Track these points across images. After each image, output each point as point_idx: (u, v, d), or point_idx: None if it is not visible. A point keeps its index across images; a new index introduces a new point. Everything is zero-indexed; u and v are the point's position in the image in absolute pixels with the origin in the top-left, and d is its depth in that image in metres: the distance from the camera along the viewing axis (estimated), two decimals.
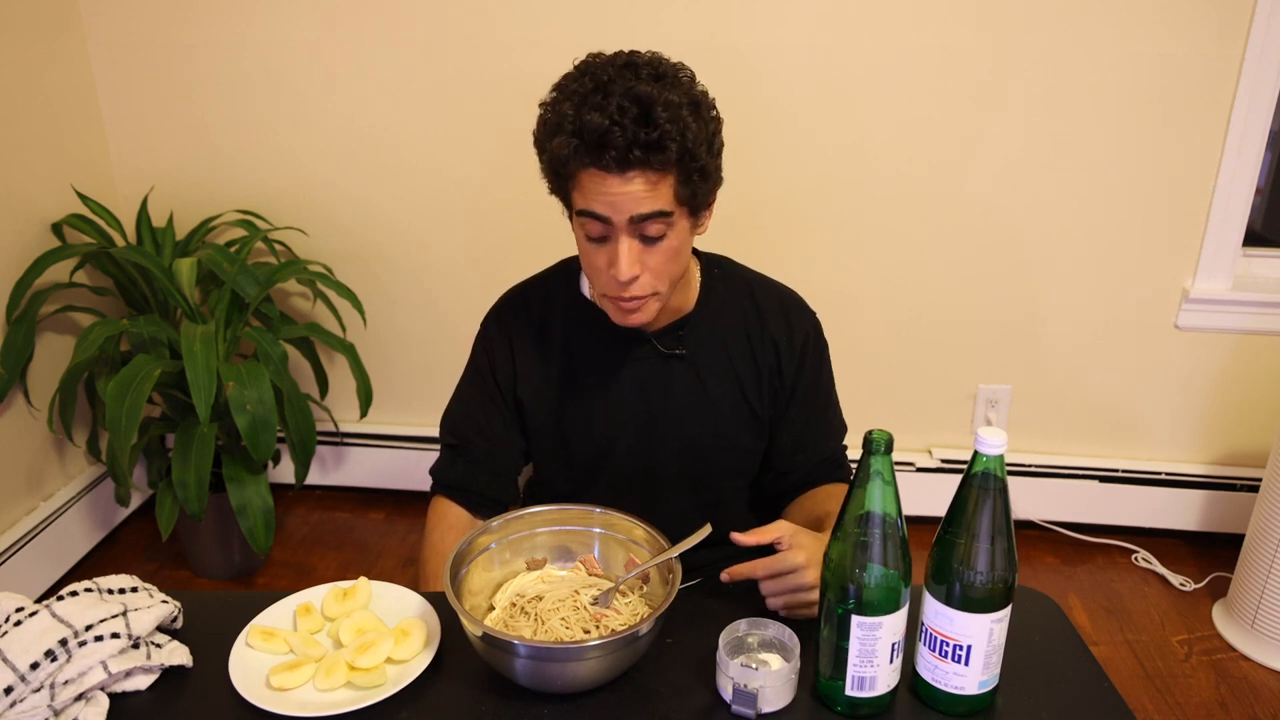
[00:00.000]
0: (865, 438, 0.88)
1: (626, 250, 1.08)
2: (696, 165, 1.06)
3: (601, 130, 1.01)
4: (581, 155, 1.04)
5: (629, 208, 1.05)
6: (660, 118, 1.02)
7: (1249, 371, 2.30)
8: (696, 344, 1.26)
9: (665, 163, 1.04)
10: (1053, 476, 2.43)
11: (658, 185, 1.05)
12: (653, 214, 1.06)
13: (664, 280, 1.13)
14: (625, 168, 1.03)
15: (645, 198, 1.05)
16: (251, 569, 2.37)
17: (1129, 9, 2.02)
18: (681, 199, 1.08)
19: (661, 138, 1.02)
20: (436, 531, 1.29)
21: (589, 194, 1.07)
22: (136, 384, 1.91)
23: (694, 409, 1.27)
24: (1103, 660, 1.97)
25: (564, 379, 1.28)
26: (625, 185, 1.04)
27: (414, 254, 2.40)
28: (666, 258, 1.11)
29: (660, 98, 1.02)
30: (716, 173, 1.13)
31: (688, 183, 1.07)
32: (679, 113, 1.03)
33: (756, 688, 0.92)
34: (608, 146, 1.02)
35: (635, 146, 1.02)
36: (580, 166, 1.05)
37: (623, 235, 1.07)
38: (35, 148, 2.16)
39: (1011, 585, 0.91)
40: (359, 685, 0.98)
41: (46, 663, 0.95)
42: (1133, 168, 2.15)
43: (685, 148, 1.04)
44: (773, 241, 2.29)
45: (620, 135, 1.01)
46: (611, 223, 1.07)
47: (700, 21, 2.10)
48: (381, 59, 2.22)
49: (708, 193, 1.13)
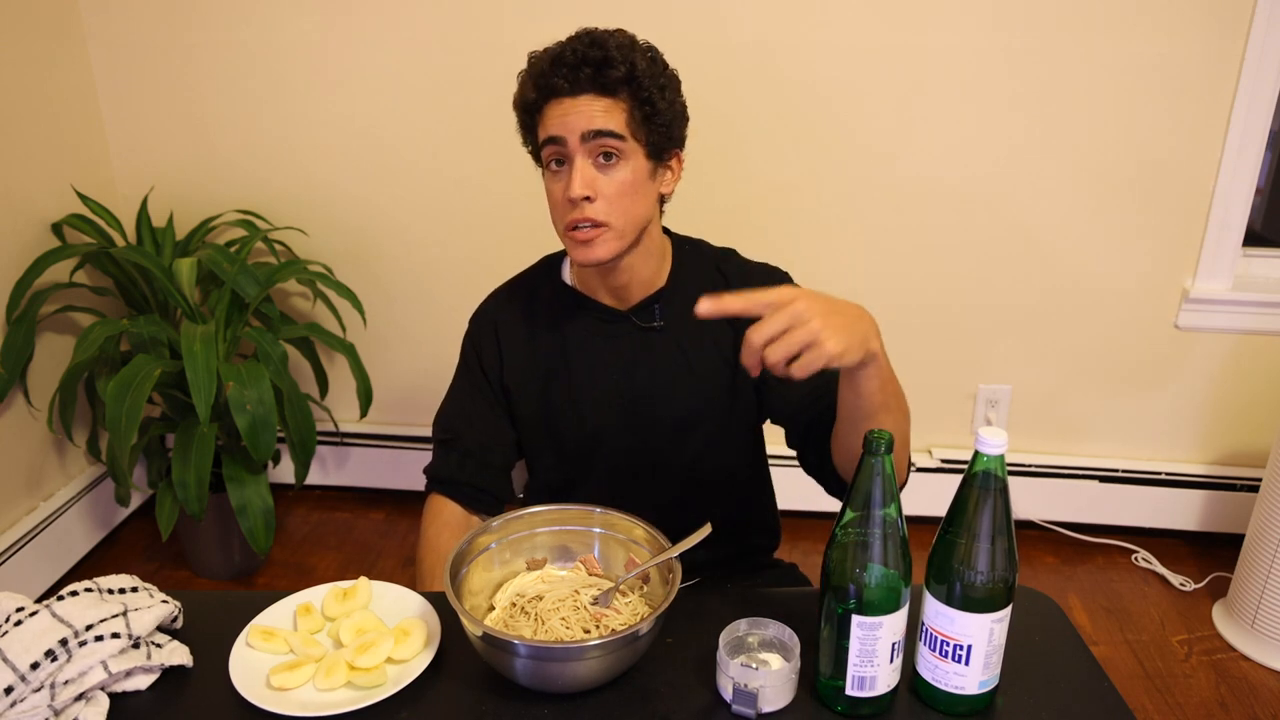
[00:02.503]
0: (865, 438, 0.88)
1: (579, 168, 1.14)
2: (645, 95, 1.14)
3: (555, 54, 1.14)
4: (539, 80, 1.14)
5: (581, 123, 1.13)
6: (609, 45, 1.13)
7: (1249, 371, 2.30)
8: (673, 316, 1.27)
9: (613, 81, 1.12)
10: (1053, 476, 2.43)
11: (610, 109, 1.13)
12: (604, 131, 1.13)
13: (618, 214, 1.16)
14: (577, 88, 1.13)
15: (598, 115, 1.13)
16: (251, 569, 2.37)
17: (1129, 9, 2.02)
18: (634, 131, 1.14)
19: (609, 58, 1.12)
20: (432, 529, 1.29)
21: (548, 122, 1.15)
22: (136, 384, 1.91)
23: (677, 380, 1.28)
24: (1103, 660, 1.98)
25: (549, 363, 1.30)
26: (577, 105, 1.13)
27: (414, 254, 2.40)
28: (620, 189, 1.15)
29: (613, 38, 1.14)
30: (673, 122, 1.18)
31: (639, 113, 1.14)
32: (630, 50, 1.14)
33: (756, 687, 0.92)
34: (560, 65, 1.13)
35: (585, 65, 1.12)
36: (540, 96, 1.15)
37: (577, 156, 1.14)
38: (35, 148, 2.16)
39: (1012, 585, 0.91)
40: (359, 685, 0.98)
41: (47, 662, 0.95)
42: (1133, 168, 2.15)
43: (634, 74, 1.13)
44: (771, 241, 2.29)
45: (571, 55, 1.12)
46: (566, 143, 1.14)
47: (702, 20, 2.11)
48: (381, 59, 2.22)
49: (663, 137, 1.18)
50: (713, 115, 2.19)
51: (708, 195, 2.23)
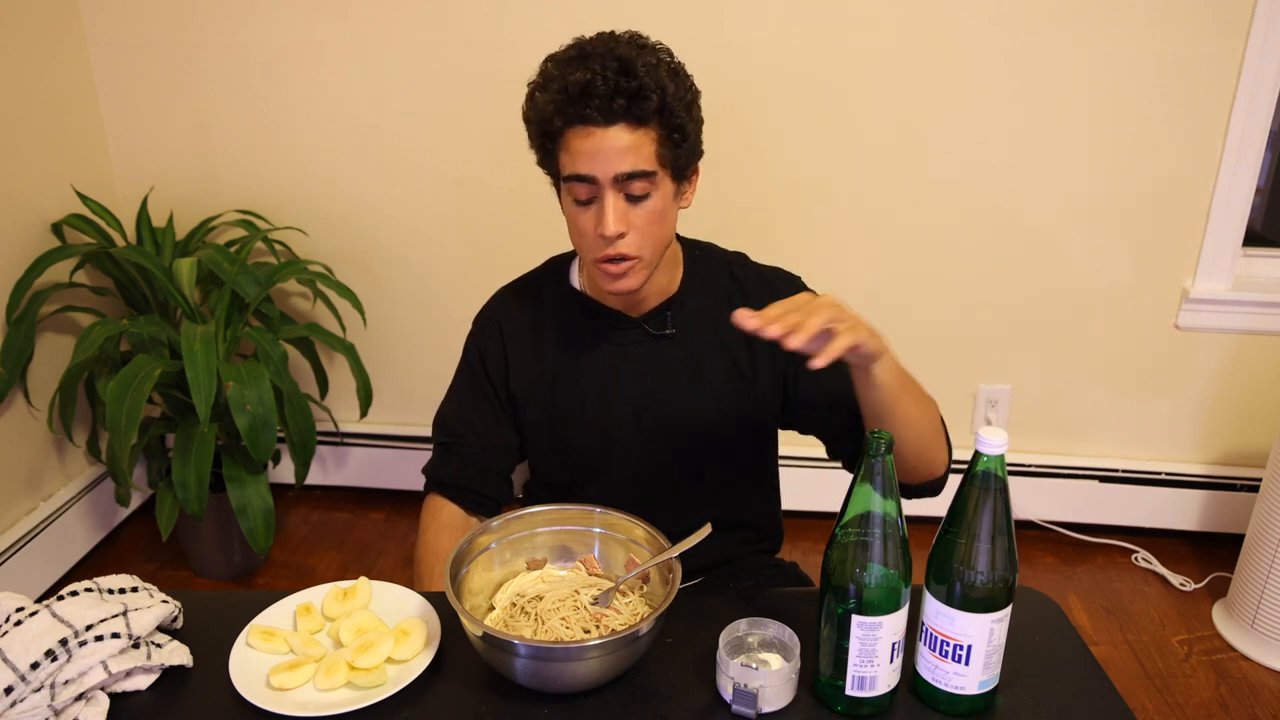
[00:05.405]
0: (866, 438, 0.88)
1: (612, 205, 1.11)
2: (676, 122, 1.11)
3: (584, 83, 1.07)
4: (566, 109, 1.09)
5: (614, 164, 1.09)
6: (640, 71, 1.08)
7: (1249, 371, 2.30)
8: (685, 323, 1.27)
9: (646, 113, 1.09)
10: (1053, 476, 2.43)
11: (640, 142, 1.09)
12: (636, 173, 1.10)
13: (649, 244, 1.15)
14: (609, 118, 1.08)
15: (628, 154, 1.09)
16: (251, 569, 2.37)
17: (1129, 8, 2.02)
18: (663, 160, 1.12)
19: (642, 88, 1.08)
20: (430, 530, 1.29)
21: (575, 154, 1.11)
22: (136, 384, 1.91)
23: (689, 388, 1.27)
24: (1103, 660, 1.97)
25: (556, 368, 1.28)
26: (608, 139, 1.09)
27: (414, 254, 2.40)
28: (650, 219, 1.14)
29: (640, 58, 1.09)
30: (697, 139, 1.17)
31: (668, 141, 1.12)
32: (658, 71, 1.10)
33: (756, 687, 0.92)
34: (591, 95, 1.07)
35: (618, 95, 1.07)
36: (566, 123, 1.10)
37: (608, 192, 1.11)
38: (35, 148, 2.16)
39: (1012, 585, 0.91)
40: (359, 685, 0.98)
41: (47, 662, 0.95)
42: (1133, 167, 2.15)
43: (665, 102, 1.09)
44: (771, 241, 2.27)
45: (603, 85, 1.07)
46: (597, 181, 1.11)
47: (705, 19, 2.11)
48: (381, 59, 2.22)
49: (688, 158, 1.16)
50: (717, 116, 2.19)
51: (713, 197, 2.23)
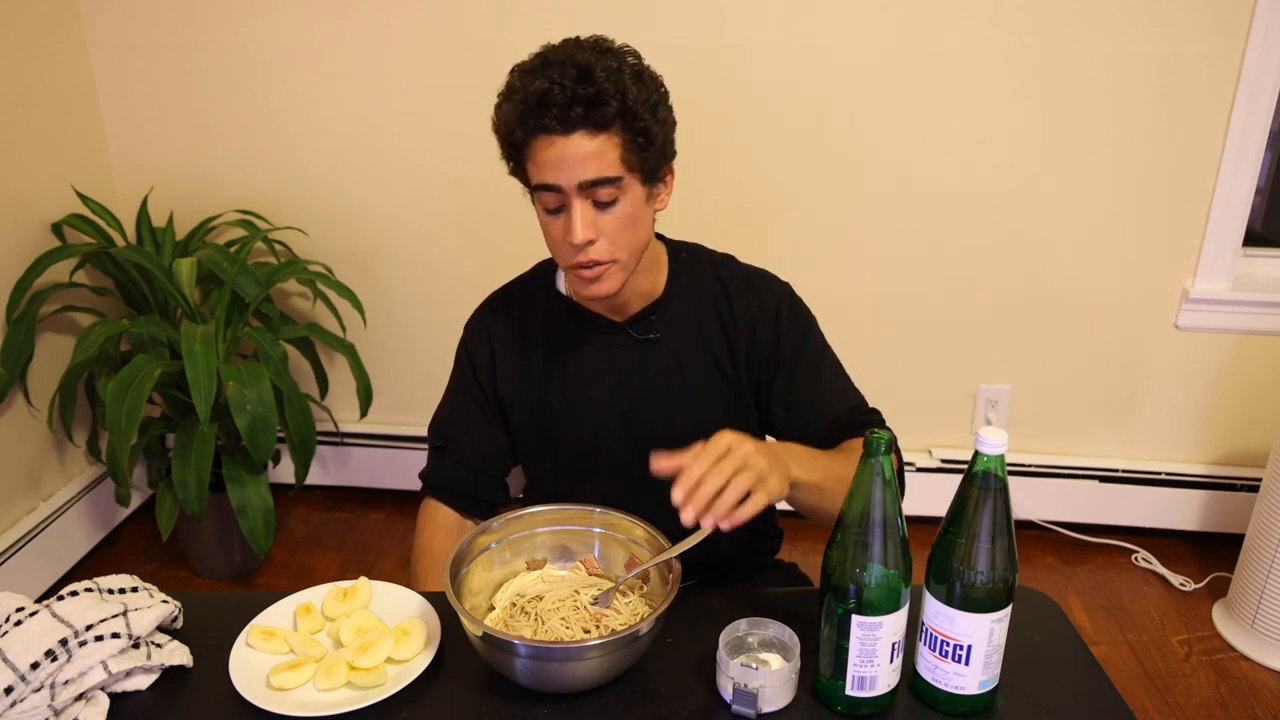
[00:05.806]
0: (865, 438, 0.88)
1: (579, 214, 1.10)
2: (640, 126, 1.10)
3: (542, 91, 1.06)
4: (526, 119, 1.09)
5: (577, 172, 1.09)
6: (599, 78, 1.07)
7: (1249, 371, 2.30)
8: (669, 328, 1.27)
9: (606, 118, 1.07)
10: (1053, 476, 2.43)
11: (603, 148, 1.08)
12: (601, 180, 1.09)
13: (622, 248, 1.14)
14: (568, 127, 1.07)
15: (592, 160, 1.08)
16: (251, 569, 2.37)
17: (1129, 8, 2.02)
18: (630, 164, 1.11)
19: (600, 94, 1.06)
20: (426, 532, 1.30)
21: (540, 164, 1.10)
22: (136, 384, 1.91)
23: (674, 392, 1.27)
24: (1103, 660, 1.98)
25: (544, 373, 1.29)
26: (570, 147, 1.08)
27: (414, 254, 2.40)
28: (621, 224, 1.13)
29: (599, 63, 1.08)
30: (666, 141, 1.15)
31: (634, 145, 1.10)
32: (619, 76, 1.08)
33: (756, 687, 0.92)
34: (549, 104, 1.06)
35: (575, 103, 1.06)
36: (528, 133, 1.10)
37: (575, 200, 1.10)
38: (35, 148, 2.16)
39: (1012, 585, 0.91)
40: (359, 685, 0.98)
41: (47, 662, 0.95)
42: (1133, 168, 2.15)
43: (626, 106, 1.08)
44: (771, 241, 2.29)
45: (560, 93, 1.06)
46: (563, 190, 1.10)
47: (705, 20, 2.11)
48: (381, 59, 2.22)
49: (658, 160, 1.15)
50: (710, 117, 2.19)
51: (705, 198, 2.24)
